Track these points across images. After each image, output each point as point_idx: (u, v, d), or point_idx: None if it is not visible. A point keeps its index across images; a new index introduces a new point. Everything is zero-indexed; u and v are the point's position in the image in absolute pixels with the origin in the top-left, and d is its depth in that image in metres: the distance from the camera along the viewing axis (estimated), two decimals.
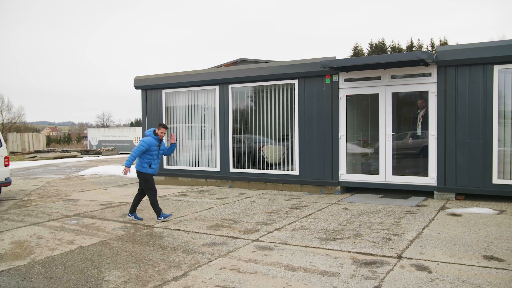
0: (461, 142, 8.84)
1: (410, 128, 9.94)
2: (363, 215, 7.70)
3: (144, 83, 12.99)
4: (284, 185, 10.86)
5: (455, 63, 8.75)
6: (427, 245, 5.75)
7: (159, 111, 12.86)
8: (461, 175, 8.84)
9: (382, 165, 9.61)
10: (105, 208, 9.14)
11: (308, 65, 10.24)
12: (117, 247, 6.09)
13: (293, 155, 10.76)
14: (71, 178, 15.25)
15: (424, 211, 7.92)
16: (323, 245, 5.92)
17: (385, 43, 48.64)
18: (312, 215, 7.87)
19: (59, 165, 21.89)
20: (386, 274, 4.73)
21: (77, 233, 6.96)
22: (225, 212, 8.33)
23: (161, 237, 6.56)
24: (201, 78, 11.96)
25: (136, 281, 4.79)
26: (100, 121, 79.39)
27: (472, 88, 8.71)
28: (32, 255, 5.86)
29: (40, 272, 5.16)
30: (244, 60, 20.48)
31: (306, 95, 10.46)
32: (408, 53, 9.15)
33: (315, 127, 10.36)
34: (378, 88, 9.59)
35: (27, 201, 10.30)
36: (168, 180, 12.75)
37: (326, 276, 4.73)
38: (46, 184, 13.61)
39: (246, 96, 11.64)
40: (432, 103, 9.09)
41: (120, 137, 37.28)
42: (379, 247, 5.73)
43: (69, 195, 11.09)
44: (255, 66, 11.64)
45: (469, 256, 5.26)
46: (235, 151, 11.71)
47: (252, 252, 5.68)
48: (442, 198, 9.01)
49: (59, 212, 8.80)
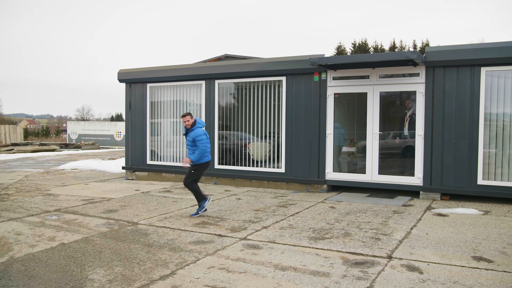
0: (447, 142, 8.88)
1: (397, 128, 9.95)
2: (351, 214, 7.66)
3: (128, 77, 12.70)
4: (270, 183, 10.77)
5: (444, 63, 8.78)
6: (417, 245, 5.73)
7: (143, 105, 12.59)
8: (447, 175, 8.89)
9: (368, 164, 9.60)
10: (87, 203, 8.88)
11: (297, 62, 10.15)
12: (101, 244, 5.89)
13: (279, 153, 10.67)
14: (50, 172, 14.85)
15: (411, 211, 7.94)
16: (312, 244, 5.85)
17: (367, 43, 49.11)
18: (300, 213, 7.80)
19: (37, 159, 21.33)
20: (378, 275, 4.68)
21: (58, 229, 6.72)
22: (210, 209, 8.17)
23: (146, 235, 6.38)
24: (187, 73, 11.76)
25: (121, 280, 4.62)
26: (80, 114, 78.10)
27: (460, 89, 8.76)
28: (10, 252, 5.61)
29: (20, 270, 4.94)
30: (229, 56, 20.31)
31: (293, 92, 10.37)
32: (398, 52, 9.16)
33: (302, 125, 10.28)
34: (366, 87, 9.57)
35: (4, 195, 9.95)
36: (151, 175, 12.51)
37: (317, 276, 4.65)
38: (24, 178, 13.21)
39: (233, 92, 11.49)
40: (420, 103, 9.11)
41: (101, 131, 36.64)
42: (368, 247, 5.68)
43: (49, 190, 10.76)
44: (244, 62, 11.50)
45: (458, 257, 5.26)
46: (221, 148, 11.55)
47: (240, 251, 5.56)
48: (427, 198, 9.05)
49: (39, 207, 8.51)
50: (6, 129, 37.96)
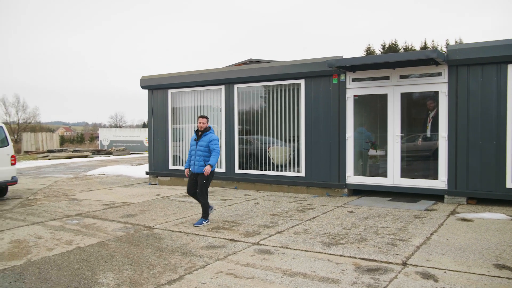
0: (473, 144, 8.53)
1: (419, 130, 9.65)
2: (369, 219, 7.46)
3: (150, 83, 12.90)
4: (290, 187, 10.65)
5: (467, 62, 8.45)
6: (435, 252, 5.50)
7: (165, 111, 12.75)
8: (473, 178, 8.53)
9: (390, 167, 9.34)
10: (108, 208, 9.04)
11: (315, 65, 10.02)
12: (115, 248, 5.96)
13: (299, 157, 10.55)
14: (78, 178, 15.25)
15: (433, 215, 7.65)
16: (325, 249, 5.71)
17: (397, 44, 48.01)
18: (317, 218, 7.66)
19: (69, 165, 21.98)
20: (389, 282, 4.50)
21: (77, 233, 6.85)
22: (227, 214, 8.15)
23: (160, 239, 6.41)
24: (206, 78, 11.82)
25: (129, 284, 4.64)
26: (113, 121, 79.96)
27: (485, 88, 8.41)
28: (29, 255, 5.76)
29: (34, 273, 5.05)
30: (253, 60, 20.31)
31: (312, 95, 10.24)
32: (417, 51, 8.91)
33: (321, 128, 10.13)
34: (386, 88, 9.33)
35: (32, 200, 10.27)
36: (173, 180, 12.63)
37: (325, 283, 4.52)
38: (53, 183, 13.61)
39: (252, 96, 11.47)
40: (443, 103, 8.80)
41: (131, 137, 37.41)
42: (383, 253, 5.50)
43: (74, 195, 11.04)
44: (261, 65, 11.47)
45: (479, 264, 5.00)
46: (241, 152, 11.53)
47: (251, 256, 5.49)
48: (452, 202, 8.71)
49: (62, 211, 8.72)
50: (43, 136, 39.39)
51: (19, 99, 56.82)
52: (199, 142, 7.37)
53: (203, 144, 7.33)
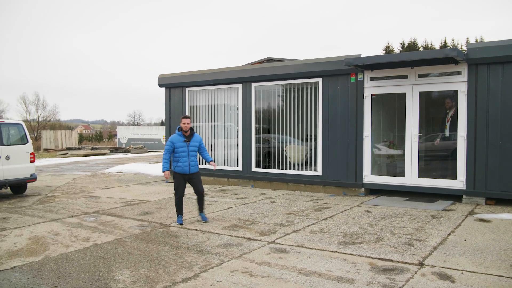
0: (492, 144, 8.37)
1: (438, 129, 9.51)
2: (386, 219, 7.39)
3: (167, 81, 13.00)
4: (307, 186, 10.62)
5: (487, 61, 8.30)
6: (452, 252, 5.42)
7: (182, 109, 12.84)
8: (492, 178, 8.37)
9: (408, 167, 9.23)
10: (125, 205, 9.15)
11: (333, 63, 9.96)
12: (131, 246, 6.04)
13: (316, 155, 10.51)
14: (96, 175, 15.47)
15: (451, 216, 7.54)
16: (341, 249, 5.68)
17: (417, 43, 47.33)
18: (333, 217, 7.62)
19: (88, 162, 22.31)
20: (405, 283, 4.46)
21: (94, 231, 6.96)
22: (244, 212, 8.18)
23: (176, 237, 6.47)
24: (224, 76, 11.86)
25: (145, 281, 4.69)
26: (131, 119, 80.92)
27: (506, 87, 8.24)
28: (46, 251, 5.87)
29: (52, 269, 5.15)
30: (271, 59, 20.26)
31: (330, 94, 10.18)
32: (436, 50, 8.76)
33: (339, 127, 10.07)
34: (404, 87, 9.22)
35: (50, 197, 10.46)
36: None
37: (341, 283, 4.50)
38: (72, 181, 13.84)
39: (269, 94, 11.46)
40: (462, 103, 8.65)
41: (149, 135, 37.75)
42: (400, 253, 5.44)
43: (92, 192, 11.21)
44: (279, 64, 11.44)
45: (497, 266, 4.92)
46: (258, 151, 11.54)
47: (266, 255, 5.50)
48: (471, 202, 8.57)
49: (80, 208, 8.87)
50: (63, 134, 40.06)
51: (39, 97, 58.13)
52: (191, 143, 7.39)
53: (195, 144, 7.44)
